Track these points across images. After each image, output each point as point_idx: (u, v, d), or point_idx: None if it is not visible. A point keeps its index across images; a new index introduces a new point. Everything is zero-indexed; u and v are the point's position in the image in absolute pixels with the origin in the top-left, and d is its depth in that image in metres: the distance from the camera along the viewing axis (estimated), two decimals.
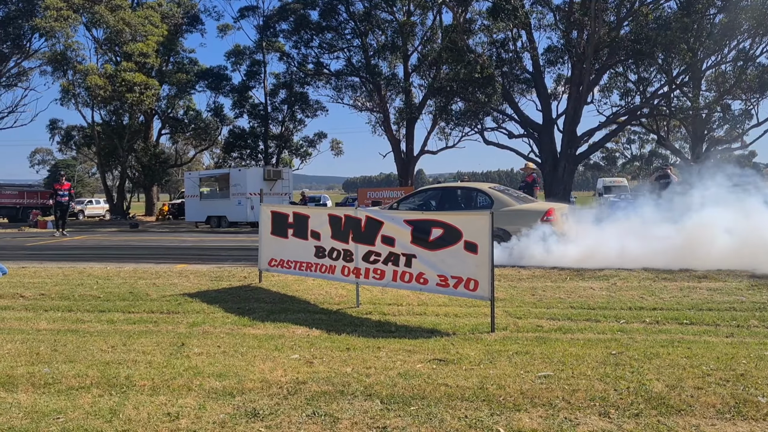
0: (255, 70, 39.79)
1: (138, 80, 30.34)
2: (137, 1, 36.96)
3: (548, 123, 31.25)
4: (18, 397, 4.49)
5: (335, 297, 8.23)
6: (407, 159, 36.71)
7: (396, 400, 4.15)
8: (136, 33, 31.29)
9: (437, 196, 12.01)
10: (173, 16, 35.84)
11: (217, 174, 29.63)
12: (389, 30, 35.81)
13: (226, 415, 4.00)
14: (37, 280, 9.75)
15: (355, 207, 7.83)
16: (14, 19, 34.79)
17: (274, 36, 38.58)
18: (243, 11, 39.40)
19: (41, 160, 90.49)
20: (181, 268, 10.47)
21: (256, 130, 40.48)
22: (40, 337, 6.46)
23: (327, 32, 37.17)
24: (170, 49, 36.06)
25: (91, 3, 30.11)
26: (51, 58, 31.92)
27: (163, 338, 6.25)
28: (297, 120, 40.90)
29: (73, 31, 30.43)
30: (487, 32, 30.87)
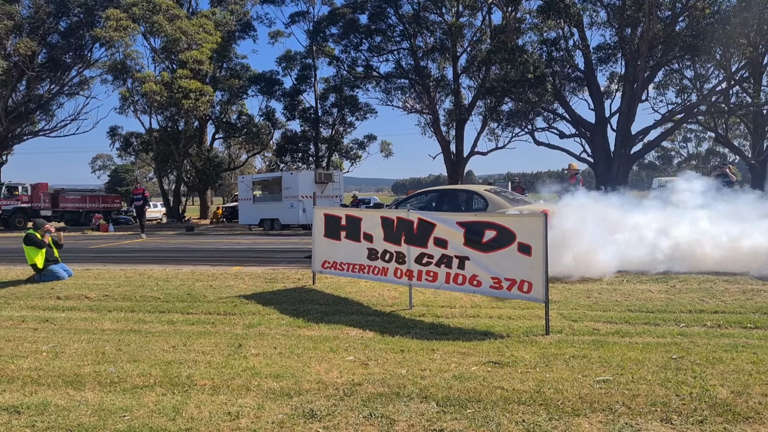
0: (305, 74, 40.29)
1: (193, 87, 31.10)
2: (192, 10, 37.91)
3: (601, 122, 30.63)
4: (86, 395, 4.67)
5: (388, 299, 8.27)
6: (457, 160, 36.56)
7: (452, 403, 4.15)
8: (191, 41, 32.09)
9: (435, 198, 12.21)
10: (226, 23, 36.61)
11: (270, 177, 30.09)
12: (438, 31, 35.75)
13: (284, 416, 4.07)
14: (101, 281, 10.10)
15: (407, 209, 7.84)
16: (76, 29, 36.14)
17: (324, 40, 38.99)
18: (294, 17, 39.98)
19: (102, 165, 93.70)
20: (236, 270, 10.69)
21: (307, 134, 40.97)
22: (105, 337, 6.70)
23: (376, 35, 37.34)
24: (223, 56, 36.83)
25: (150, 13, 31.03)
26: (111, 66, 33.06)
27: (221, 339, 6.40)
28: (347, 123, 41.23)
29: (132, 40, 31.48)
30: (538, 31, 30.52)
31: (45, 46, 36.74)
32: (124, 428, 3.97)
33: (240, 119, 41.47)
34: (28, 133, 41.69)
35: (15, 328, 7.43)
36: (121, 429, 3.96)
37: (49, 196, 35.01)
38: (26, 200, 33.75)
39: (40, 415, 4.25)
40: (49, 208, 34.22)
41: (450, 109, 36.51)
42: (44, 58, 37.55)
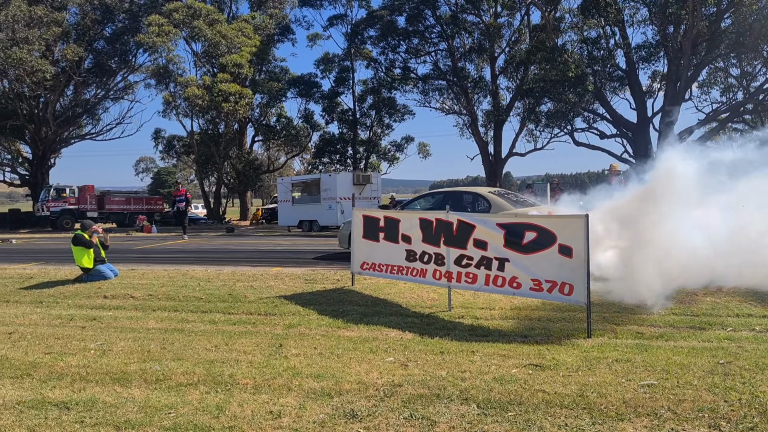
0: (344, 76, 40.52)
1: (233, 90, 31.55)
2: (232, 15, 38.49)
3: (643, 122, 30.06)
4: (132, 392, 4.78)
5: (427, 300, 8.26)
6: (495, 161, 36.33)
7: (493, 405, 4.13)
8: (231, 45, 32.57)
9: (441, 200, 12.31)
10: (266, 27, 37.06)
11: (308, 179, 30.32)
12: (476, 32, 35.59)
13: (325, 416, 4.10)
14: (145, 281, 10.33)
15: (447, 210, 7.82)
16: (121, 35, 37.04)
17: (362, 43, 39.18)
18: (332, 20, 40.27)
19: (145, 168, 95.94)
20: (276, 271, 10.81)
21: (345, 136, 41.19)
22: (150, 335, 6.85)
23: (413, 37, 37.36)
24: (263, 59, 37.29)
25: (190, 18, 31.62)
26: (154, 71, 33.77)
27: (262, 339, 6.48)
28: (385, 124, 41.33)
29: (174, 45, 32.09)
30: (578, 30, 30.14)
31: (91, 52, 37.73)
32: (170, 425, 4.05)
33: (279, 122, 41.93)
34: (75, 136, 42.88)
35: (64, 326, 7.66)
36: (167, 426, 4.04)
37: (96, 198, 35.89)
38: (73, 202, 34.67)
39: (88, 411, 4.37)
40: (95, 210, 35.09)
41: (488, 110, 36.33)
42: (91, 63, 38.57)
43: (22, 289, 10.20)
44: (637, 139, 29.89)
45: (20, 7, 32.23)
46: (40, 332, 7.19)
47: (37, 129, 37.96)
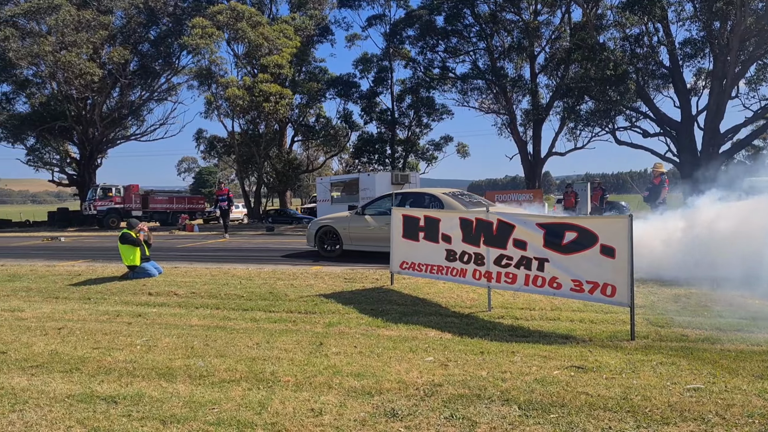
0: (382, 76, 40.61)
1: (273, 90, 31.90)
2: (273, 16, 38.93)
3: (687, 120, 29.37)
4: (177, 387, 4.88)
5: (466, 300, 8.23)
6: (534, 161, 35.97)
7: (534, 407, 4.10)
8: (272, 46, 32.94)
9: (396, 200, 12.84)
10: (305, 28, 37.38)
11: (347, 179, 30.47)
12: (515, 31, 35.30)
13: (366, 414, 4.12)
14: (188, 279, 10.53)
15: (486, 210, 7.78)
16: (165, 38, 37.84)
17: (401, 43, 39.22)
18: (370, 20, 40.45)
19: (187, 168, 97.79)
20: (316, 269, 10.90)
21: (383, 135, 41.29)
22: (193, 332, 6.98)
23: (452, 36, 37.26)
24: (302, 60, 37.63)
25: (233, 20, 32.09)
26: (197, 73, 34.38)
27: (302, 337, 6.54)
28: (423, 124, 41.31)
29: (217, 47, 32.61)
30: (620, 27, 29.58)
31: (136, 55, 38.63)
32: (214, 420, 4.12)
33: (318, 122, 42.29)
34: (120, 137, 43.95)
35: (111, 322, 7.86)
36: (211, 421, 4.12)
37: (140, 197, 36.73)
38: (119, 201, 35.52)
39: (135, 405, 4.48)
40: (139, 209, 35.91)
41: (527, 109, 35.99)
42: (136, 65, 39.50)
43: (71, 286, 10.51)
44: (681, 137, 29.21)
45: (69, 11, 33.18)
46: (88, 328, 7.39)
47: (84, 130, 39.04)
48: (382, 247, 12.50)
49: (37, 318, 8.31)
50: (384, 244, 12.23)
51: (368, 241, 13.05)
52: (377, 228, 12.80)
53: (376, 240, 12.80)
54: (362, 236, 13.13)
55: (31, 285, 10.74)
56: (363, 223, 13.12)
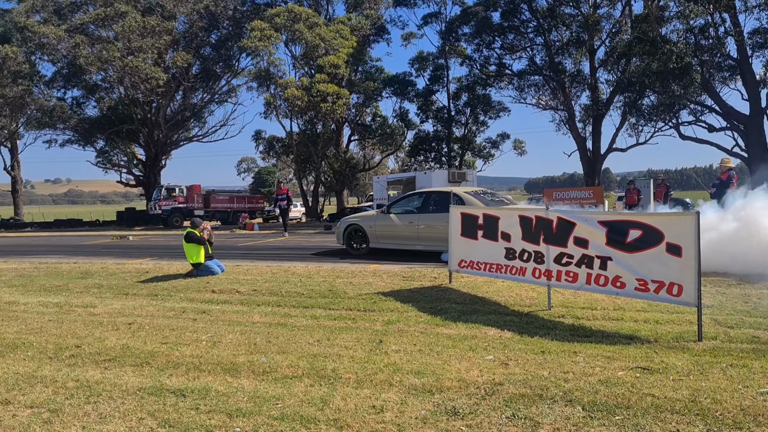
0: (438, 74, 40.48)
1: (330, 90, 32.22)
2: (329, 17, 39.34)
3: (756, 113, 28.12)
4: (242, 382, 5.02)
5: (525, 299, 8.14)
6: (593, 157, 35.17)
7: (599, 408, 4.03)
8: (329, 46, 33.29)
9: (420, 199, 13.30)
10: (361, 28, 37.61)
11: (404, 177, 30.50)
12: (574, 25, 34.56)
13: (427, 412, 4.14)
14: (250, 277, 10.77)
15: (547, 207, 7.67)
16: (225, 41, 38.75)
17: (456, 40, 39.01)
18: (426, 18, 40.35)
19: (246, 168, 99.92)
20: (374, 268, 10.98)
21: (439, 134, 41.17)
22: (255, 329, 7.14)
23: (508, 32, 36.81)
24: (359, 60, 37.88)
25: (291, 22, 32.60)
26: (256, 74, 35.08)
27: (362, 335, 6.60)
28: (479, 122, 40.98)
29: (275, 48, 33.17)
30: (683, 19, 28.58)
31: (198, 58, 39.69)
32: (278, 415, 4.22)
33: (374, 121, 42.50)
34: (183, 138, 45.29)
35: (177, 318, 8.12)
36: (275, 416, 4.21)
37: (202, 196, 37.72)
38: (182, 201, 36.59)
39: (202, 399, 4.63)
40: (201, 208, 36.89)
41: (586, 105, 35.24)
42: (198, 69, 40.59)
43: (139, 283, 10.90)
44: (750, 132, 28.00)
45: (135, 18, 34.40)
46: (156, 323, 7.66)
47: (150, 132, 40.38)
48: (406, 244, 13.13)
49: (108, 313, 8.66)
50: (408, 241, 12.96)
51: (393, 239, 13.37)
52: (402, 226, 13.13)
53: (400, 238, 13.19)
54: (388, 234, 13.46)
55: (103, 282, 11.19)
56: (388, 221, 13.42)
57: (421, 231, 12.76)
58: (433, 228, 12.46)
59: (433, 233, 12.44)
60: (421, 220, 12.79)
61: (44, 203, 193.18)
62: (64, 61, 39.06)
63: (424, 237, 12.71)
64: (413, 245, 12.97)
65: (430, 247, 12.53)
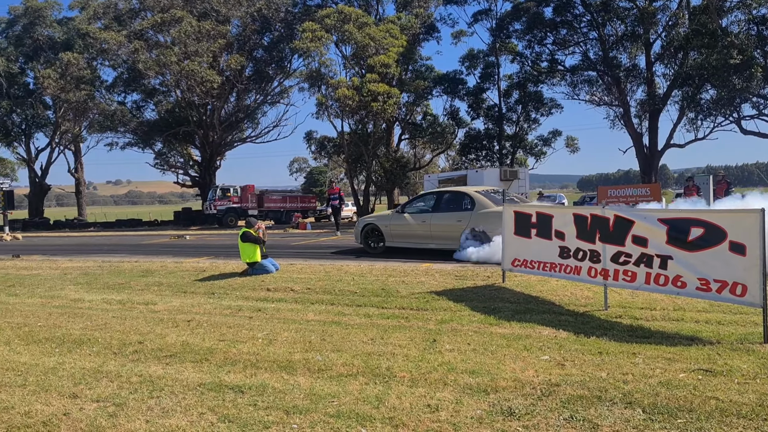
0: (489, 72, 40.14)
1: (381, 90, 32.30)
2: (379, 17, 39.45)
3: None
4: (298, 380, 5.10)
5: (581, 299, 8.01)
6: (650, 154, 34.25)
7: (660, 411, 3.94)
8: (379, 46, 33.38)
9: (432, 198, 13.70)
10: (411, 27, 37.56)
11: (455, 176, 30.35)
12: (629, 18, 33.71)
13: (482, 412, 4.13)
14: (304, 275, 10.91)
15: (603, 206, 7.53)
16: (277, 43, 39.33)
17: (507, 37, 38.60)
18: (476, 15, 40.04)
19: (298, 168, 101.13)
20: (426, 267, 10.97)
21: (490, 132, 40.81)
22: (310, 327, 7.24)
23: (561, 28, 36.21)
24: (409, 59, 37.84)
25: (341, 23, 32.86)
26: (307, 75, 35.44)
27: (415, 333, 6.62)
28: (531, 119, 40.44)
29: (326, 49, 33.46)
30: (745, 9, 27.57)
31: (251, 60, 40.38)
32: (334, 412, 4.28)
33: (425, 119, 42.41)
34: (237, 140, 46.18)
35: (233, 316, 8.30)
36: (331, 413, 4.27)
37: (256, 196, 38.34)
38: (236, 201, 37.28)
39: (260, 395, 4.73)
40: (255, 208, 37.50)
41: (642, 100, 34.34)
42: (251, 71, 41.30)
43: (197, 281, 11.17)
44: None
45: (191, 23, 35.26)
46: (213, 321, 7.85)
47: (205, 134, 41.32)
48: (420, 243, 13.41)
49: (168, 311, 8.92)
50: (421, 240, 13.33)
51: (407, 238, 13.67)
52: (415, 225, 13.42)
53: (414, 237, 13.48)
54: (402, 233, 13.75)
55: (162, 280, 11.52)
56: (402, 221, 13.74)
57: (433, 230, 13.08)
58: (444, 227, 12.80)
59: (444, 232, 12.78)
60: (434, 219, 13.11)
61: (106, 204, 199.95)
62: (124, 66, 40.36)
63: (437, 235, 13.01)
64: (426, 244, 13.28)
65: (443, 246, 12.82)
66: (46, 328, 7.89)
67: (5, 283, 12.48)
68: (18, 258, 16.94)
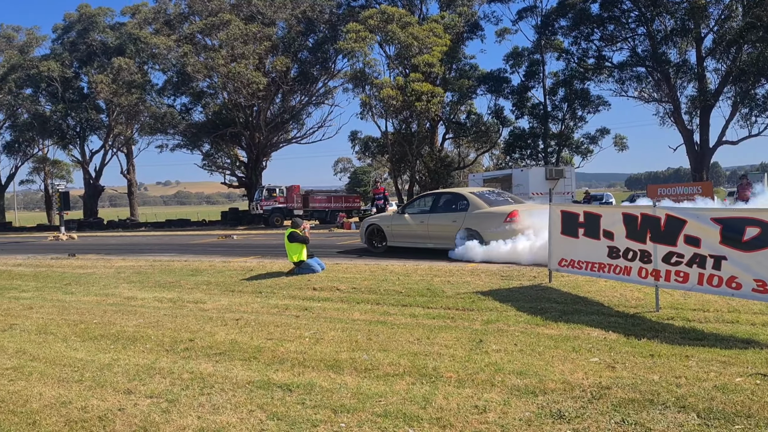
0: (534, 70, 39.71)
1: (425, 89, 32.27)
2: (422, 16, 39.41)
3: None
4: (345, 379, 5.14)
5: (630, 300, 7.85)
6: (701, 151, 33.34)
7: (716, 416, 3.83)
8: (422, 45, 33.36)
9: (431, 199, 14.13)
10: (455, 26, 37.42)
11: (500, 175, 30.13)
12: (679, 13, 32.86)
13: (531, 414, 4.09)
14: (349, 275, 10.98)
15: (654, 204, 7.36)
16: (322, 44, 39.66)
17: (553, 34, 38.11)
18: (521, 13, 39.70)
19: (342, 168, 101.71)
20: (472, 267, 10.91)
21: (535, 130, 40.37)
22: (356, 326, 7.28)
23: (608, 23, 35.57)
24: (452, 57, 37.68)
25: (384, 23, 32.95)
26: (352, 76, 35.65)
27: (461, 334, 6.59)
28: (577, 117, 39.84)
29: (370, 49, 33.60)
30: None
31: (296, 62, 40.81)
32: (381, 412, 4.30)
33: (469, 118, 42.17)
34: (283, 140, 46.72)
35: (280, 315, 8.42)
36: (378, 413, 4.29)
37: (301, 196, 38.74)
38: (282, 201, 37.72)
39: (308, 394, 4.79)
40: (300, 208, 37.87)
41: (693, 96, 33.44)
42: (296, 72, 41.74)
43: (244, 280, 11.36)
44: None
45: (238, 26, 35.86)
46: (261, 320, 7.97)
47: (251, 135, 41.95)
48: (418, 242, 13.77)
49: (217, 309, 9.10)
50: (419, 239, 13.70)
51: (407, 238, 14.01)
52: (414, 225, 13.74)
53: (413, 236, 13.82)
54: (402, 233, 14.09)
55: (211, 279, 11.75)
56: (402, 221, 14.07)
57: (431, 230, 13.39)
58: (441, 227, 13.09)
59: (441, 231, 13.07)
60: (431, 220, 13.43)
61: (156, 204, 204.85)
62: (173, 70, 41.28)
63: (434, 235, 13.31)
64: (424, 243, 13.61)
65: (440, 245, 13.08)
66: (101, 325, 8.14)
67: (62, 282, 12.93)
68: (74, 257, 17.51)
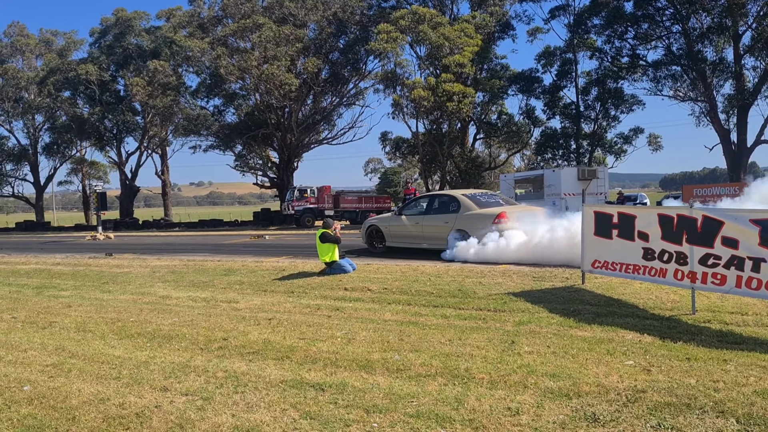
0: (566, 69, 39.31)
1: (456, 90, 32.19)
2: (453, 16, 39.31)
3: None
4: (377, 379, 5.16)
5: (666, 302, 7.73)
6: (738, 151, 32.65)
7: (756, 422, 3.76)
8: (453, 46, 33.27)
9: (426, 201, 14.74)
10: (486, 25, 37.24)
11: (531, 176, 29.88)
12: (715, 10, 32.21)
13: (565, 416, 4.06)
14: (380, 276, 11.00)
15: (690, 205, 7.23)
16: (352, 45, 39.80)
17: (586, 33, 37.71)
18: (553, 11, 39.39)
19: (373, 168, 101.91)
20: (503, 268, 10.85)
21: (567, 130, 39.95)
22: (387, 327, 7.30)
23: (642, 22, 35.09)
24: (483, 57, 37.52)
25: (415, 24, 32.95)
26: (383, 76, 35.74)
27: (493, 335, 6.57)
28: (610, 117, 39.30)
29: (401, 50, 33.65)
30: None
31: (327, 63, 41.00)
32: (413, 413, 4.31)
33: (500, 119, 41.94)
34: (314, 141, 46.97)
35: (312, 315, 8.48)
36: (411, 413, 4.30)
37: (332, 197, 38.91)
38: (313, 201, 37.92)
39: (340, 393, 4.82)
40: (331, 208, 38.01)
41: (730, 95, 32.79)
42: (327, 73, 41.92)
43: (276, 280, 11.47)
44: None
45: (270, 28, 36.19)
46: (293, 319, 8.05)
47: (283, 136, 42.29)
48: (414, 243, 14.21)
49: (249, 309, 9.21)
50: (415, 240, 14.16)
51: (404, 239, 14.48)
52: (410, 227, 14.23)
53: (409, 237, 14.31)
54: (399, 234, 14.57)
55: (244, 279, 11.89)
56: (400, 222, 14.55)
57: (425, 230, 13.89)
58: (434, 228, 13.59)
59: (434, 232, 13.56)
60: (425, 221, 13.92)
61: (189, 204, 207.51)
62: (206, 72, 41.82)
63: (428, 236, 13.78)
64: (419, 244, 14.06)
65: (434, 245, 13.49)
66: (138, 323, 8.30)
67: (99, 281, 13.21)
68: (111, 256, 17.88)
